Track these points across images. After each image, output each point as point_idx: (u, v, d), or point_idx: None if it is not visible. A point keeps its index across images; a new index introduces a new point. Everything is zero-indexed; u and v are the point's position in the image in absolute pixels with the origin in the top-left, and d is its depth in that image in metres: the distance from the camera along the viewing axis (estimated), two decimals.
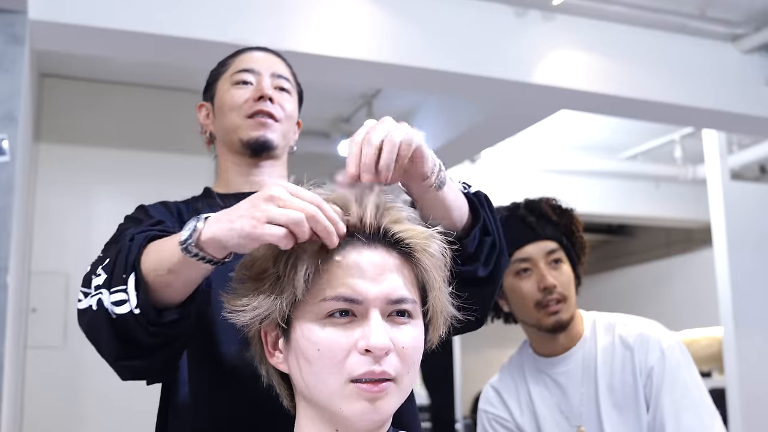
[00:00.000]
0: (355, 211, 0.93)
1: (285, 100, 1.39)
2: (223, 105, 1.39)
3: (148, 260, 1.01)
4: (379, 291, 0.89)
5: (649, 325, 1.70)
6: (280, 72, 1.41)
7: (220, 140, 1.42)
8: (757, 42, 4.10)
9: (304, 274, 0.89)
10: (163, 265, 0.99)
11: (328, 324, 0.89)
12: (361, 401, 0.88)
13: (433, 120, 5.02)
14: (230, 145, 1.38)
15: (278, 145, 1.38)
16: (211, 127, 1.44)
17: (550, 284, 1.65)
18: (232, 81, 1.40)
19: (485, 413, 1.79)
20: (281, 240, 0.88)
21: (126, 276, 1.01)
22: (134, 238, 1.05)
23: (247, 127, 1.36)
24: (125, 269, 1.01)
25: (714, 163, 5.19)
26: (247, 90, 1.38)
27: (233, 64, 1.43)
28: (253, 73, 1.39)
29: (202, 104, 1.47)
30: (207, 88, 1.47)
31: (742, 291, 4.98)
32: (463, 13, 3.64)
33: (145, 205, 1.32)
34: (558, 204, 1.76)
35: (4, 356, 2.64)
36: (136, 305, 1.00)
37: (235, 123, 1.37)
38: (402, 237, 0.93)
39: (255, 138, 1.35)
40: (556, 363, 1.72)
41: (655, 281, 7.88)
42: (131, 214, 1.29)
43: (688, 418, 1.57)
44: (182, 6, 3.15)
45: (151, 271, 1.01)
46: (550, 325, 1.67)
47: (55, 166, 4.23)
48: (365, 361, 0.87)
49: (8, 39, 2.83)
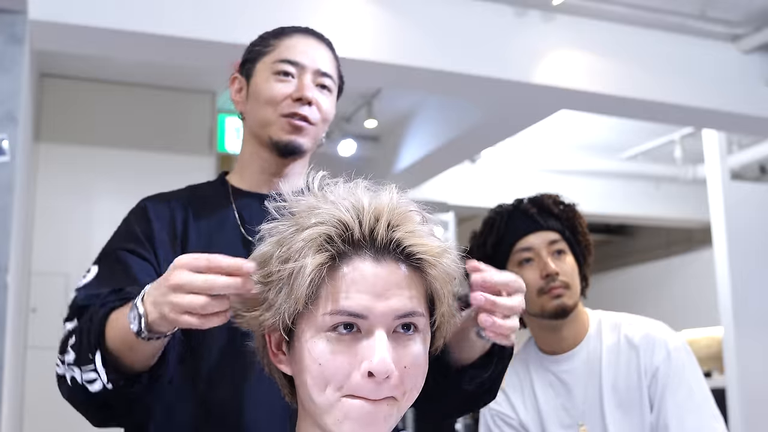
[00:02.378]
0: (367, 223, 0.90)
1: (323, 99, 1.34)
2: (260, 95, 1.32)
3: (111, 335, 1.03)
4: (385, 307, 0.87)
5: (655, 325, 1.69)
6: (324, 69, 1.35)
7: (249, 126, 1.36)
8: (757, 42, 4.10)
9: (308, 286, 0.87)
10: (124, 343, 1.01)
11: (332, 338, 0.87)
12: (360, 420, 0.87)
13: (433, 120, 5.02)
14: (259, 138, 1.33)
15: (308, 149, 1.34)
16: (243, 106, 1.37)
17: (552, 271, 1.65)
18: (273, 69, 1.32)
19: (489, 410, 1.79)
20: (203, 322, 0.92)
21: (92, 356, 1.03)
22: (93, 318, 1.06)
23: (280, 128, 1.30)
24: (90, 349, 1.03)
25: (714, 163, 5.19)
26: (288, 85, 1.31)
27: (277, 48, 1.34)
28: (296, 66, 1.32)
29: (236, 77, 1.39)
30: (244, 63, 1.38)
31: (742, 291, 4.98)
32: (463, 13, 3.64)
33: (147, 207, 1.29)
34: (560, 199, 1.77)
35: (4, 356, 2.64)
36: (107, 380, 1.03)
37: (269, 119, 1.31)
38: (414, 251, 0.90)
39: (286, 142, 1.30)
40: (560, 361, 1.72)
41: (655, 281, 7.88)
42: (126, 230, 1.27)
43: (692, 420, 1.57)
44: (183, 6, 3.15)
45: (116, 347, 1.03)
46: (552, 309, 1.65)
47: (55, 166, 4.23)
48: (366, 383, 0.86)
49: (8, 39, 2.83)
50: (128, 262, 1.20)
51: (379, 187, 0.94)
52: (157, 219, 1.27)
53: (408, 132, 5.33)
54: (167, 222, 1.27)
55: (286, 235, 0.91)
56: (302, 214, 0.92)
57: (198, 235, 1.28)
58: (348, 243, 0.89)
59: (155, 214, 1.28)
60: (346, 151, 5.32)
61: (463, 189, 6.07)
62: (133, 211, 1.31)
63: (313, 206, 0.92)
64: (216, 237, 1.28)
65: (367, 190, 0.94)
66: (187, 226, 1.28)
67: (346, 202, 0.91)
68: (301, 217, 0.92)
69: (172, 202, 1.31)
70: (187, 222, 1.28)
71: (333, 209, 0.90)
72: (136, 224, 1.26)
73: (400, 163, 5.39)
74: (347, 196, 0.92)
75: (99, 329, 1.03)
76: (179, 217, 1.29)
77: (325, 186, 0.95)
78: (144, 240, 1.24)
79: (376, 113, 5.04)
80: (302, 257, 0.88)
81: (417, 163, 5.21)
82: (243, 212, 1.31)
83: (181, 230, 1.27)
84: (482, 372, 1.14)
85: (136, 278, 1.17)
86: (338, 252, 0.89)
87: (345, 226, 0.89)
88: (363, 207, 0.90)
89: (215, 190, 1.36)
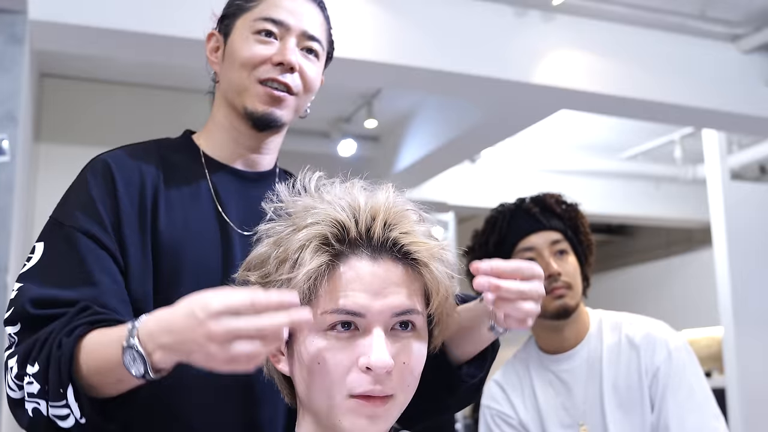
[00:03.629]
0: (364, 222, 0.90)
1: (309, 66, 1.17)
2: (236, 55, 1.16)
3: (86, 369, 0.91)
4: (382, 305, 0.88)
5: (656, 325, 1.69)
6: (311, 31, 1.17)
7: (223, 91, 1.20)
8: (757, 42, 4.10)
9: (306, 286, 0.87)
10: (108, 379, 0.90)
11: (330, 337, 0.88)
12: (360, 417, 0.87)
13: (433, 120, 5.02)
14: (233, 106, 1.17)
15: (286, 122, 1.18)
16: (217, 67, 1.21)
17: (555, 271, 1.65)
18: (253, 28, 1.15)
19: (488, 409, 1.79)
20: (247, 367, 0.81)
21: (63, 391, 0.90)
22: (62, 344, 0.91)
23: (256, 96, 1.14)
24: (61, 384, 0.90)
25: (714, 163, 5.19)
26: (269, 47, 1.14)
27: (261, 3, 1.17)
28: (280, 26, 1.15)
29: (213, 34, 1.24)
30: (223, 18, 1.22)
31: (742, 291, 4.98)
32: (463, 13, 3.64)
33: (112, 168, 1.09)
34: (562, 199, 1.76)
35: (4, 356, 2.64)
36: (81, 416, 0.91)
37: (244, 84, 1.15)
38: (410, 250, 0.90)
39: (261, 113, 1.14)
40: (561, 360, 1.72)
41: (655, 281, 7.88)
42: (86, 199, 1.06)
43: (693, 419, 1.57)
44: (183, 6, 3.15)
45: (91, 379, 0.91)
46: (554, 310, 1.65)
47: (55, 166, 4.23)
48: (365, 379, 0.86)
49: (8, 39, 2.83)
50: (83, 251, 1.02)
51: (375, 187, 0.95)
52: (126, 186, 1.09)
53: (408, 132, 5.33)
54: (137, 190, 1.10)
55: (283, 236, 0.92)
56: (299, 214, 0.93)
57: (168, 207, 1.11)
58: (344, 242, 0.90)
59: (123, 179, 1.09)
60: (346, 151, 5.32)
61: (463, 189, 6.07)
62: (94, 169, 1.10)
63: (309, 206, 0.92)
64: (190, 212, 1.12)
65: (364, 189, 0.94)
66: (158, 196, 1.11)
67: (343, 201, 0.91)
68: (297, 217, 0.92)
69: (142, 166, 1.13)
70: (158, 191, 1.11)
71: (329, 209, 0.91)
72: (98, 193, 1.07)
73: (400, 163, 5.39)
74: (343, 195, 0.93)
75: (69, 361, 0.90)
76: (149, 183, 1.11)
77: (322, 186, 0.95)
78: (107, 221, 1.05)
79: (376, 113, 5.04)
80: (299, 257, 0.89)
81: (417, 163, 5.21)
82: (218, 187, 1.16)
83: (152, 202, 1.10)
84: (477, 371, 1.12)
85: (91, 275, 1.01)
86: (335, 252, 0.89)
87: (341, 226, 0.90)
88: (359, 206, 0.91)
89: (186, 154, 1.19)
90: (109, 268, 1.03)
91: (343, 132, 5.33)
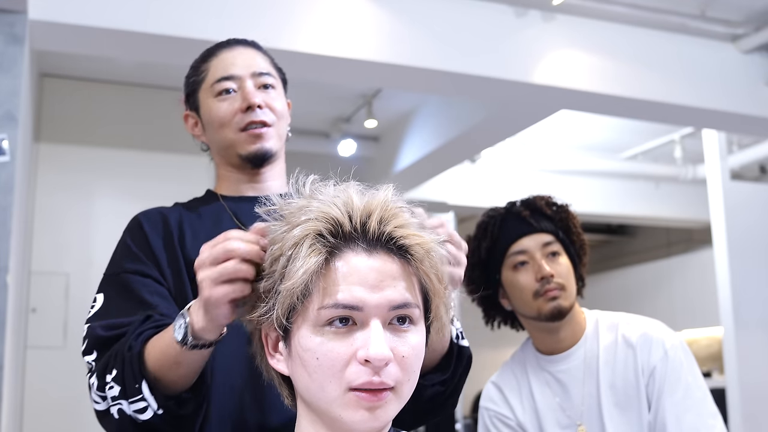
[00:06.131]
0: (358, 218, 0.90)
1: (272, 98, 1.34)
2: (212, 120, 1.33)
3: (152, 361, 1.06)
4: (379, 298, 0.88)
5: (652, 324, 1.69)
6: (260, 69, 1.34)
7: (216, 153, 1.38)
8: (757, 42, 4.10)
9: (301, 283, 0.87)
10: (167, 361, 1.04)
11: (328, 332, 0.88)
12: (360, 410, 0.87)
13: (433, 120, 5.02)
14: (228, 159, 1.35)
15: (277, 150, 1.34)
16: (203, 138, 1.39)
17: (547, 273, 1.65)
18: (213, 92, 1.33)
19: (486, 410, 1.79)
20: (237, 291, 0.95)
21: (138, 386, 1.05)
22: (132, 347, 1.08)
23: (243, 142, 1.31)
24: (135, 379, 1.05)
25: (714, 163, 5.19)
26: (232, 101, 1.32)
27: (209, 71, 1.35)
28: (233, 80, 1.32)
29: (188, 114, 1.41)
30: (187, 97, 1.40)
31: (742, 291, 4.99)
32: (463, 13, 3.65)
33: (140, 219, 1.29)
34: (553, 200, 1.77)
35: (4, 356, 2.64)
36: (158, 407, 1.05)
37: (229, 139, 1.32)
38: (405, 244, 0.90)
39: (254, 152, 1.31)
40: (558, 361, 1.72)
41: (655, 281, 7.88)
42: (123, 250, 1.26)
43: (690, 418, 1.57)
44: (182, 6, 3.16)
45: (158, 369, 1.05)
46: (548, 312, 1.65)
47: (55, 166, 4.23)
48: (364, 371, 0.86)
49: (8, 39, 2.84)
50: (133, 285, 1.20)
51: (372, 188, 0.95)
52: (151, 227, 1.27)
53: (408, 132, 5.33)
54: (161, 227, 1.28)
55: (278, 234, 0.92)
56: (293, 214, 0.93)
57: (194, 234, 1.28)
58: (339, 237, 0.90)
59: (148, 224, 1.28)
60: (346, 151, 5.32)
61: (463, 189, 6.07)
62: (127, 227, 1.31)
63: (303, 206, 0.93)
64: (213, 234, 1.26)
65: (359, 190, 0.94)
66: (183, 227, 1.29)
67: (337, 200, 0.92)
68: (292, 216, 0.93)
69: (163, 210, 1.32)
70: (182, 223, 1.29)
71: (323, 206, 0.91)
72: (131, 240, 1.26)
73: (400, 163, 5.39)
74: (338, 194, 0.93)
75: (140, 358, 1.06)
76: (173, 219, 1.29)
77: (315, 189, 0.96)
78: (142, 255, 1.23)
79: (376, 113, 5.04)
80: (293, 253, 0.89)
81: (417, 162, 5.21)
82: (236, 212, 1.32)
83: (177, 230, 1.28)
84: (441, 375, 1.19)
85: (144, 300, 1.18)
86: (330, 246, 0.89)
87: (335, 221, 0.90)
88: (353, 204, 0.91)
89: (205, 198, 1.37)
90: (159, 291, 1.20)
91: (343, 132, 5.34)
